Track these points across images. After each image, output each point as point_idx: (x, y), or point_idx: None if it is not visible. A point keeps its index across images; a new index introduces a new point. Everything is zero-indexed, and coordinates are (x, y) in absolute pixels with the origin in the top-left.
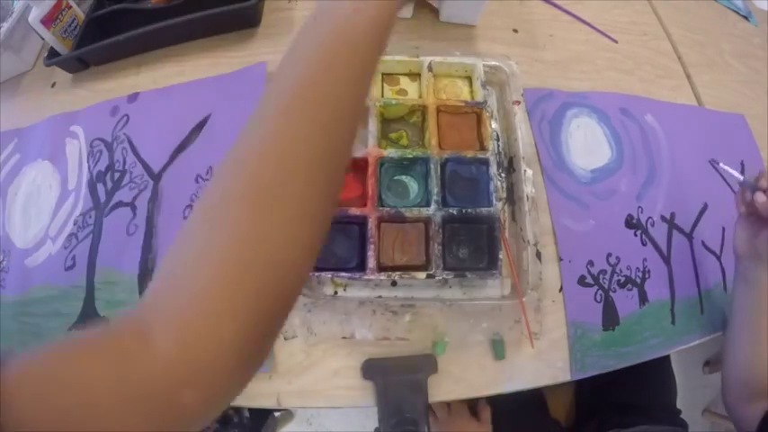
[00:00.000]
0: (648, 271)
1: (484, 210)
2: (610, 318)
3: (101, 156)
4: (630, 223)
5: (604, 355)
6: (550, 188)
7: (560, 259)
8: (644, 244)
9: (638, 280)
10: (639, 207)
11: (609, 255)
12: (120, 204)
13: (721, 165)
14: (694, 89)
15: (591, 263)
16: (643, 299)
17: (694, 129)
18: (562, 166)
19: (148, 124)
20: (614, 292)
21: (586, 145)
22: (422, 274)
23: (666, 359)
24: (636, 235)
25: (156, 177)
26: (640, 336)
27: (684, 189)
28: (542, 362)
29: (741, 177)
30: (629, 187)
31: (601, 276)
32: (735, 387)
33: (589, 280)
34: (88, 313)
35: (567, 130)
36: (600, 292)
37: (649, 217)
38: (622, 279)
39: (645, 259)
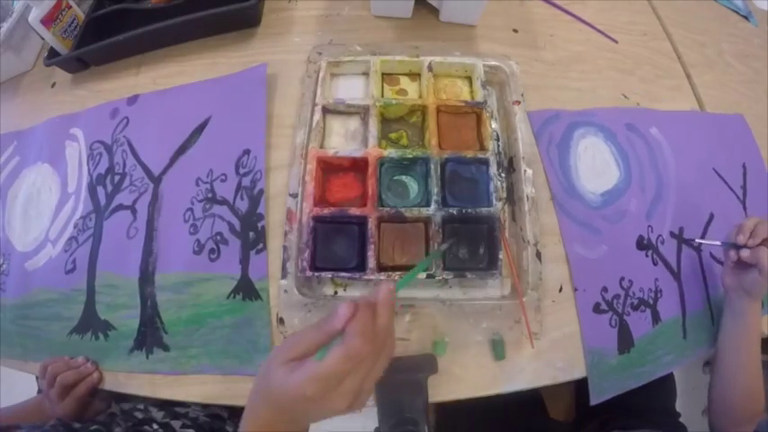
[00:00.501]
0: (660, 291)
1: (484, 210)
2: (625, 341)
3: (101, 158)
4: (641, 244)
5: (621, 378)
6: (562, 216)
7: (575, 289)
8: (655, 263)
9: (651, 300)
10: (649, 226)
11: (622, 279)
12: (120, 207)
13: (697, 240)
14: (694, 89)
15: (605, 289)
16: (656, 318)
17: (697, 136)
18: (573, 192)
19: (148, 127)
20: (628, 315)
21: (595, 167)
22: (422, 274)
23: None
24: (647, 255)
25: (157, 180)
26: (654, 354)
27: (691, 201)
28: (542, 362)
29: (719, 243)
30: (639, 207)
31: (615, 301)
32: (721, 412)
33: (604, 306)
34: (89, 317)
35: (575, 153)
36: (614, 317)
37: (659, 235)
38: (635, 302)
39: (656, 279)
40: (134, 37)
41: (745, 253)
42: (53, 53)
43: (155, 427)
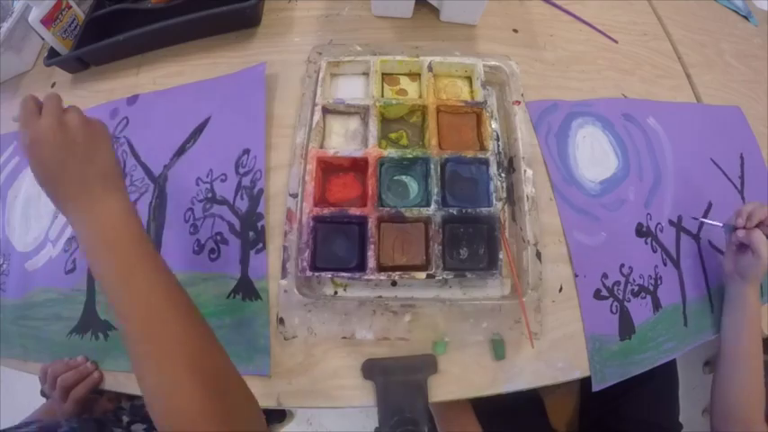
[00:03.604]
0: (660, 277)
1: (484, 210)
2: (626, 327)
3: None
4: (641, 231)
5: (622, 364)
6: (561, 204)
7: (576, 275)
8: (654, 251)
9: (651, 287)
10: (648, 214)
11: (622, 265)
12: None
13: (700, 219)
14: (694, 89)
15: (605, 275)
16: (656, 305)
17: (694, 126)
18: (571, 180)
19: (148, 127)
20: (629, 301)
21: (593, 156)
22: (422, 274)
23: (674, 374)
24: (646, 243)
25: (157, 180)
26: (655, 341)
27: (689, 190)
28: (542, 362)
29: (720, 224)
30: (637, 195)
31: (615, 288)
32: (721, 411)
33: (604, 293)
34: (89, 317)
35: (573, 142)
36: (615, 303)
37: (658, 223)
38: (636, 288)
39: (656, 266)
40: (134, 37)
41: (740, 233)
42: (53, 53)
43: None
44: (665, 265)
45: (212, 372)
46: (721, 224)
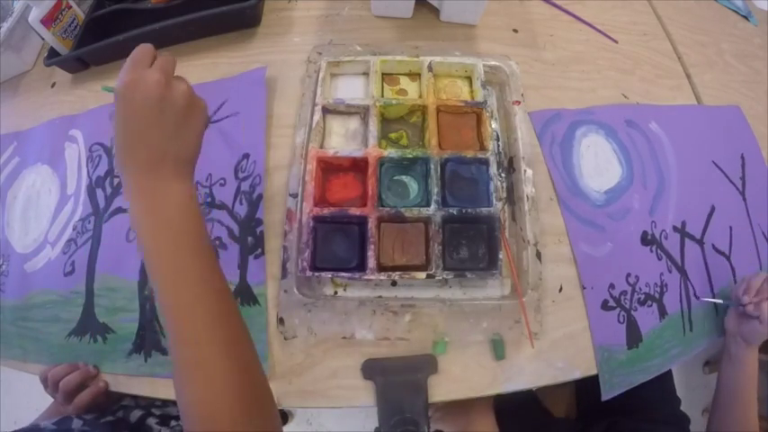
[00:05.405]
0: (666, 284)
1: (484, 210)
2: (633, 336)
3: (100, 160)
4: (646, 239)
5: (631, 372)
6: (567, 215)
7: (583, 288)
8: (659, 258)
9: (657, 295)
10: (653, 222)
11: (628, 275)
12: (119, 210)
13: (702, 299)
14: (694, 89)
15: (612, 286)
16: (663, 312)
17: (696, 129)
18: (576, 190)
19: None
20: (635, 310)
21: (597, 165)
22: (422, 274)
23: None
24: (652, 251)
25: None
26: (662, 348)
27: (692, 194)
28: (542, 362)
29: (722, 302)
30: (642, 203)
31: (622, 297)
32: None
33: (612, 303)
34: (87, 319)
35: (577, 152)
36: (622, 313)
37: (663, 230)
38: (642, 297)
39: (661, 273)
40: (134, 37)
41: (749, 307)
42: (53, 53)
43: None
44: (669, 271)
45: (252, 388)
46: (722, 302)
